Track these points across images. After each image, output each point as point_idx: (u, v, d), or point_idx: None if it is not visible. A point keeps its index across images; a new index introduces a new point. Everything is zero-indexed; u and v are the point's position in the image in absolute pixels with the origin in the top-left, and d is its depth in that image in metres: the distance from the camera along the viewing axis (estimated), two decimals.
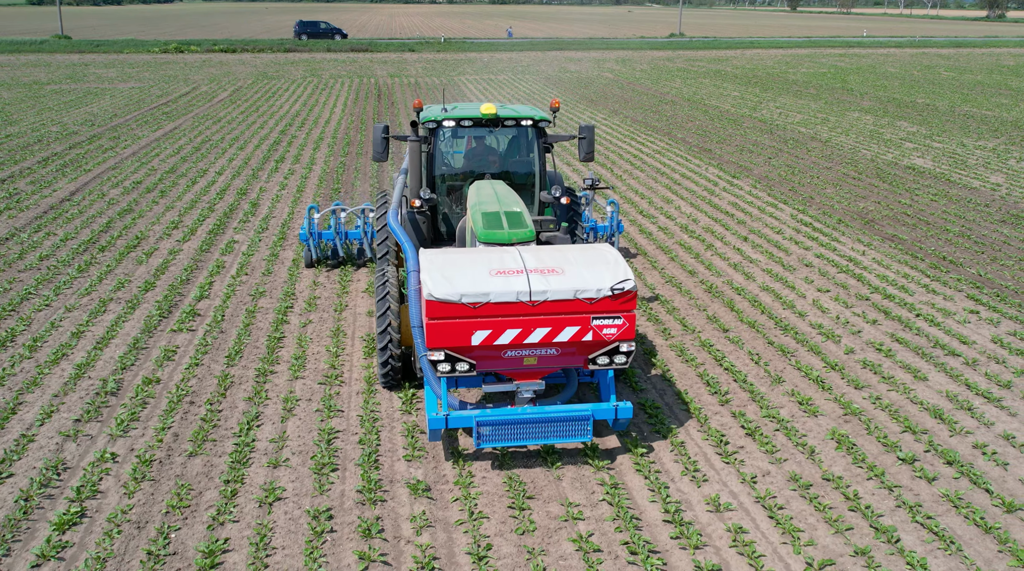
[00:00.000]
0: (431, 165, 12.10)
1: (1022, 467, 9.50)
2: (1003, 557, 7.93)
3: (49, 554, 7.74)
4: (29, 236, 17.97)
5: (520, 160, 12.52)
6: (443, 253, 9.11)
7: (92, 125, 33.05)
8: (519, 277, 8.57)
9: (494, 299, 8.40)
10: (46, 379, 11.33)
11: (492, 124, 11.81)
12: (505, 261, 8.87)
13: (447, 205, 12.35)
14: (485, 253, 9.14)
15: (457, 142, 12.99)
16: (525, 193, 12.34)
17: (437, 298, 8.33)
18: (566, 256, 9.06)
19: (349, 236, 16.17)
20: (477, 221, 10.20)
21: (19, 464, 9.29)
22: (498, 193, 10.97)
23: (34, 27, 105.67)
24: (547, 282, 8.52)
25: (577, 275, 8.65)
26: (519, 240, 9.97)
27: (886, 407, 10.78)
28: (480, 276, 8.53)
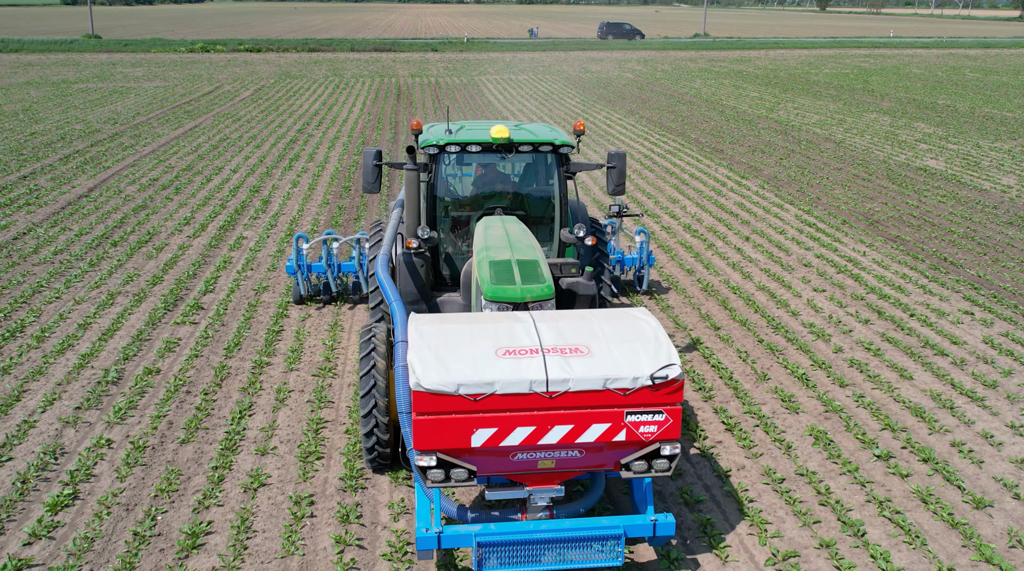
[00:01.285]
0: (432, 198, 10.37)
1: (997, 465, 9.61)
2: (966, 552, 8.06)
3: (40, 533, 8.09)
4: (45, 231, 18.46)
5: (537, 191, 10.84)
6: (438, 322, 7.46)
7: (115, 123, 33.69)
8: (533, 360, 6.88)
9: (501, 390, 6.71)
10: (51, 368, 11.73)
11: (505, 149, 10.09)
12: (516, 336, 7.20)
13: (451, 243, 10.72)
14: (491, 323, 7.46)
15: (463, 170, 11.31)
16: (543, 229, 10.73)
17: (428, 389, 6.63)
18: (593, 328, 7.37)
19: (343, 268, 14.29)
20: (484, 272, 8.55)
21: (19, 448, 9.66)
22: (510, 234, 9.28)
23: (66, 27, 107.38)
24: (569, 367, 6.84)
25: (607, 357, 6.97)
26: (535, 298, 8.35)
27: (868, 405, 10.91)
28: (483, 358, 6.87)
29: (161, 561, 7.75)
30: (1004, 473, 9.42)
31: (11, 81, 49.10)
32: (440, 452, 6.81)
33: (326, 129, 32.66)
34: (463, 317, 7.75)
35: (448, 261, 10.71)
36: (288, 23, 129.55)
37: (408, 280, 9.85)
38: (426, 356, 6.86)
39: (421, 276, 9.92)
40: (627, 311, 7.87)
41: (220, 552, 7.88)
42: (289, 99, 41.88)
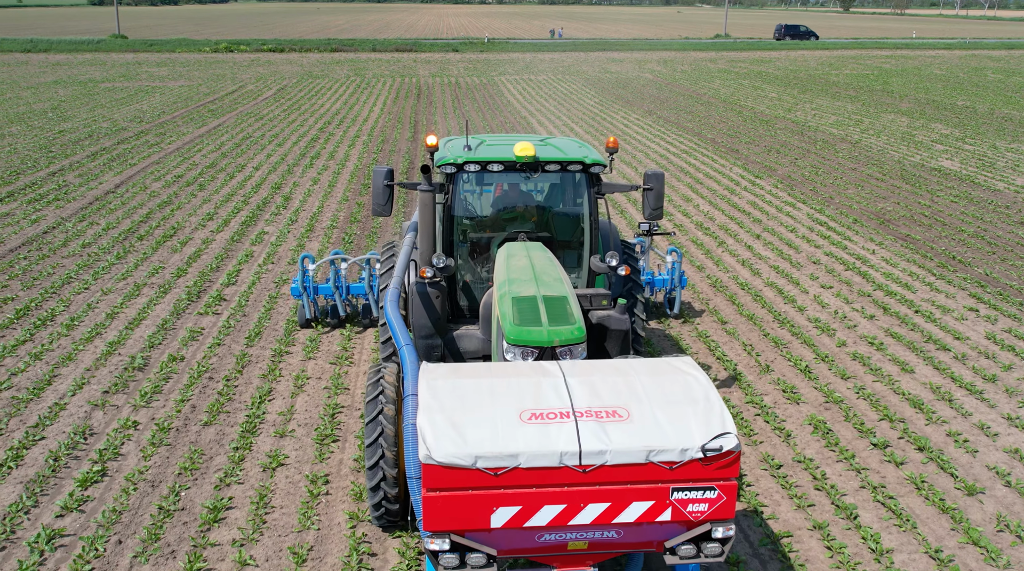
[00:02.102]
0: (449, 221, 9.40)
1: (991, 455, 9.88)
2: (955, 535, 8.37)
3: (71, 506, 8.56)
4: (74, 225, 19.04)
5: (565, 213, 10.04)
6: (452, 376, 6.55)
7: (141, 121, 34.36)
8: (564, 426, 5.99)
9: (527, 463, 5.83)
10: (80, 355, 12.24)
11: (529, 169, 9.22)
12: (543, 394, 6.30)
13: (469, 270, 9.86)
14: (514, 377, 6.55)
15: (482, 189, 10.46)
16: (570, 254, 9.89)
17: (440, 462, 5.77)
18: (633, 385, 6.45)
19: (351, 290, 13.39)
20: (506, 311, 7.70)
21: (50, 429, 10.15)
22: (535, 265, 8.43)
23: (93, 27, 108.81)
24: (606, 435, 5.95)
25: (650, 423, 6.09)
26: (564, 342, 7.44)
27: (868, 396, 11.21)
28: (506, 423, 5.99)
29: (185, 533, 8.19)
30: (997, 462, 9.70)
31: (40, 80, 50.03)
32: (454, 534, 5.90)
33: (347, 128, 33.17)
34: (481, 369, 6.81)
35: (466, 290, 9.75)
36: (311, 23, 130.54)
37: (422, 313, 8.82)
38: (438, 421, 5.95)
39: (436, 308, 8.88)
40: (671, 362, 6.93)
41: (240, 526, 8.32)
42: (311, 98, 42.46)
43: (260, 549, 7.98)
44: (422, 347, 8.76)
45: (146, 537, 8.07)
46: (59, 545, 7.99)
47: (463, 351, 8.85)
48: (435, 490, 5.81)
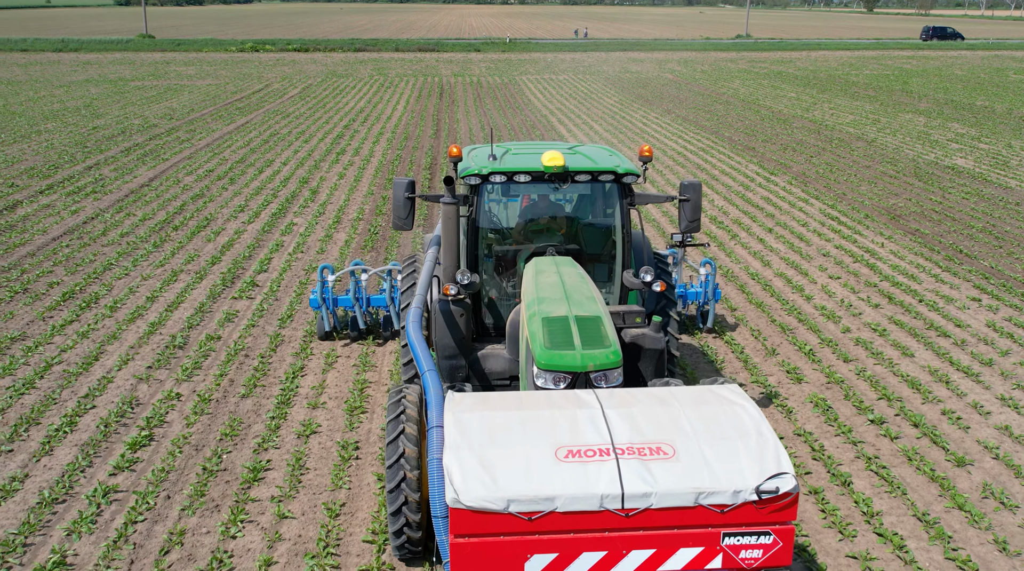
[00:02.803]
0: (474, 235, 9.06)
1: (982, 430, 10.45)
2: (942, 500, 8.95)
3: (123, 466, 9.31)
4: (112, 216, 19.88)
5: (595, 225, 9.68)
6: (480, 408, 6.22)
7: (171, 119, 35.31)
8: (604, 465, 5.63)
9: (564, 507, 5.48)
10: (123, 334, 13.02)
11: (559, 179, 8.87)
12: (581, 429, 5.92)
13: (494, 287, 9.52)
14: (547, 409, 6.18)
15: (507, 200, 10.16)
16: (600, 268, 9.53)
17: (470, 507, 5.44)
18: (677, 418, 6.08)
19: (372, 302, 13.00)
20: (536, 332, 7.32)
21: (100, 399, 10.92)
22: (566, 282, 8.06)
23: (121, 27, 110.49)
24: (651, 476, 5.59)
25: (699, 461, 5.70)
26: (599, 367, 7.04)
27: (868, 377, 11.79)
28: (541, 462, 5.63)
29: (227, 490, 8.93)
30: (987, 437, 10.26)
31: (72, 79, 51.20)
32: None
33: (371, 125, 33.95)
34: (511, 400, 6.45)
35: (491, 307, 9.38)
36: (334, 24, 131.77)
37: (445, 332, 8.44)
38: (467, 461, 5.59)
39: (460, 327, 8.47)
40: (716, 391, 6.55)
41: (278, 484, 9.04)
42: (335, 97, 43.31)
43: (296, 505, 8.70)
44: (445, 368, 8.45)
45: (192, 493, 8.81)
46: (113, 499, 8.74)
47: (488, 372, 8.53)
48: (464, 536, 5.45)
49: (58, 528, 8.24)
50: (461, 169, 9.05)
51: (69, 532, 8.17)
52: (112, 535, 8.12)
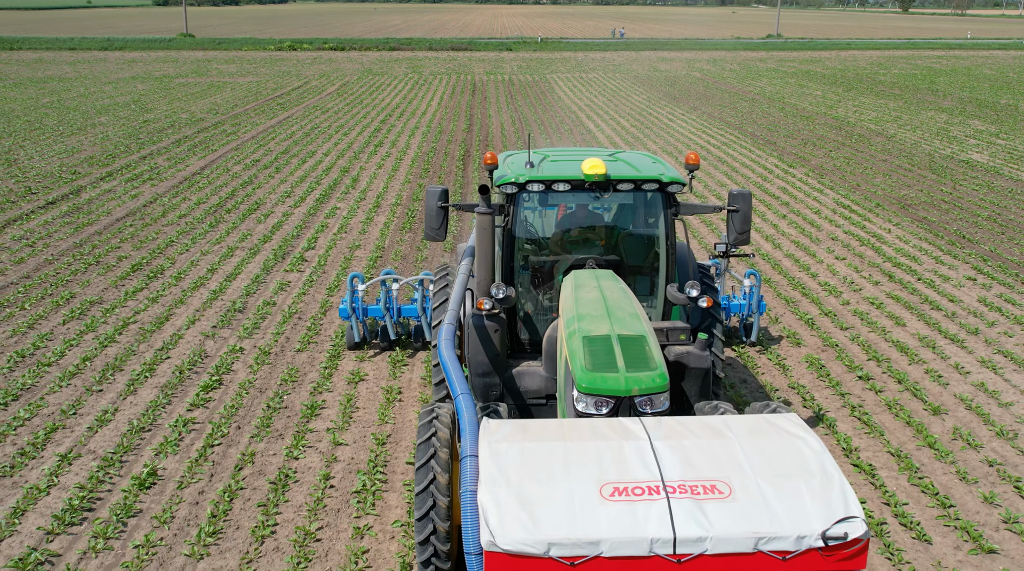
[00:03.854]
0: (509, 246, 8.71)
1: (960, 387, 11.59)
2: (915, 440, 10.14)
3: (197, 404, 10.75)
4: (169, 200, 21.46)
5: (637, 237, 9.22)
6: (519, 438, 5.87)
7: (216, 113, 37.00)
8: (654, 505, 5.22)
9: (610, 551, 5.09)
10: (189, 300, 14.50)
11: (599, 188, 8.46)
12: (628, 464, 5.51)
13: (531, 300, 9.11)
14: (591, 441, 5.79)
15: (545, 211, 9.74)
16: (642, 281, 9.11)
17: (506, 550, 5.08)
18: (732, 452, 5.65)
19: (403, 312, 12.67)
20: (576, 352, 6.95)
21: (173, 351, 12.39)
22: (607, 297, 7.67)
23: (161, 26, 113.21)
24: (705, 518, 5.18)
25: (758, 501, 5.27)
26: (644, 391, 6.64)
27: (861, 342, 12.97)
28: (584, 501, 5.24)
29: (289, 423, 10.33)
30: (964, 392, 11.41)
31: (119, 76, 53.25)
32: None
33: (406, 120, 35.41)
34: (552, 428, 6.04)
35: (527, 322, 8.98)
36: (368, 23, 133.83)
37: (479, 348, 8.09)
38: (504, 498, 5.22)
39: (495, 344, 8.10)
40: (774, 421, 6.08)
41: (332, 419, 10.44)
42: (372, 94, 44.86)
43: (349, 435, 10.08)
44: (479, 385, 8.13)
45: (259, 424, 10.23)
46: (192, 428, 10.17)
47: (524, 390, 8.17)
48: None
49: (148, 449, 9.70)
50: (497, 177, 8.65)
51: (157, 452, 9.61)
52: (193, 455, 9.55)
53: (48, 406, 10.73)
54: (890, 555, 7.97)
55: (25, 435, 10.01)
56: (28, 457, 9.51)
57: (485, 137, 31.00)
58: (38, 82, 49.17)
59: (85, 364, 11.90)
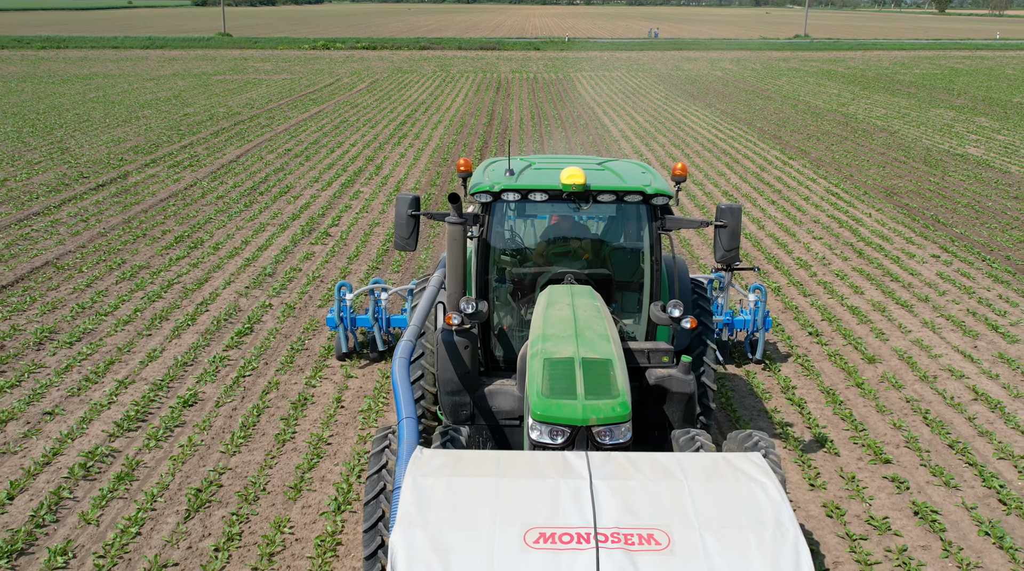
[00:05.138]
0: (484, 259, 8.26)
1: (898, 342, 13.12)
2: (846, 382, 11.71)
3: (232, 345, 12.59)
4: (208, 183, 23.44)
5: (625, 251, 8.82)
6: (448, 474, 5.45)
7: (252, 108, 39.10)
8: (580, 555, 4.81)
9: None
10: (225, 265, 16.39)
11: (579, 199, 7.94)
12: (560, 506, 5.11)
13: (510, 314, 8.70)
14: (526, 479, 5.40)
15: (527, 220, 9.40)
16: (630, 298, 8.69)
17: None
18: (679, 496, 5.22)
19: (392, 323, 12.32)
20: (535, 376, 6.61)
21: (212, 306, 14.25)
22: (577, 316, 7.25)
23: (199, 26, 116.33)
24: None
25: (697, 555, 4.84)
26: (602, 421, 6.24)
27: (819, 307, 14.52)
28: (504, 548, 4.86)
29: (309, 360, 12.14)
30: (900, 346, 12.95)
31: (160, 73, 55.69)
32: None
33: (431, 115, 37.25)
34: (489, 462, 5.60)
35: (503, 338, 8.52)
36: (401, 23, 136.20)
37: (448, 365, 7.59)
38: (417, 542, 4.86)
39: (465, 361, 7.58)
40: (734, 462, 5.60)
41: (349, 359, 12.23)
42: (400, 90, 46.79)
43: (358, 371, 11.84)
44: (448, 405, 7.71)
45: (283, 361, 12.05)
46: (227, 364, 12.02)
47: (496, 410, 7.66)
48: None
49: (190, 378, 11.55)
50: (472, 185, 8.25)
51: (198, 380, 11.46)
52: (228, 383, 11.39)
53: (106, 346, 12.63)
54: (802, 464, 9.58)
55: (89, 366, 11.91)
56: (91, 382, 11.40)
57: (504, 131, 32.74)
58: (84, 78, 51.69)
59: (136, 314, 13.82)
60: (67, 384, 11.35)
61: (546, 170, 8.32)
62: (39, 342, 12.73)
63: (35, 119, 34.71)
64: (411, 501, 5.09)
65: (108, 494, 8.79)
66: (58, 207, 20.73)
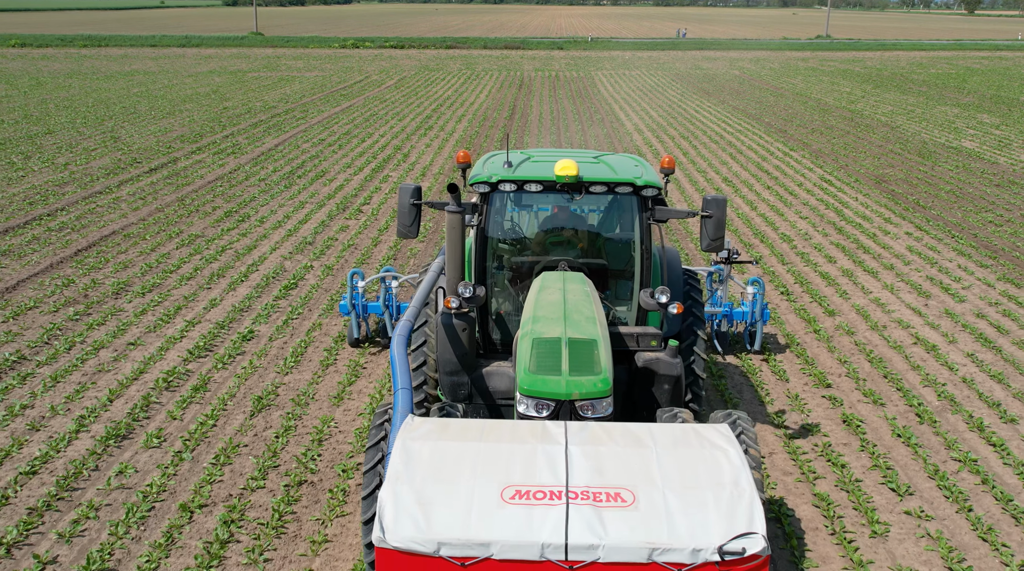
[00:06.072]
0: (482, 246, 8.71)
1: (858, 299, 14.98)
2: (806, 328, 13.60)
3: (280, 296, 14.69)
4: (250, 168, 25.66)
5: (616, 239, 9.32)
6: (435, 438, 5.97)
7: (286, 102, 41.39)
8: (552, 510, 5.30)
9: (500, 554, 5.18)
10: (270, 235, 18.54)
11: (572, 189, 8.41)
12: (536, 467, 5.62)
13: (508, 300, 9.13)
14: (507, 443, 5.94)
15: (524, 211, 9.93)
16: (624, 286, 9.14)
17: (395, 547, 5.21)
18: (647, 460, 5.69)
19: (402, 309, 12.64)
20: (524, 354, 7.12)
21: (261, 267, 16.39)
22: (567, 300, 7.71)
23: (231, 25, 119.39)
24: (601, 526, 5.23)
25: (659, 511, 5.31)
26: (584, 396, 6.75)
27: (794, 273, 16.41)
28: (483, 503, 5.35)
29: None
30: (859, 303, 14.82)
31: (197, 70, 58.25)
32: None
33: (456, 109, 39.35)
34: (473, 429, 6.13)
35: (500, 322, 8.96)
36: (429, 23, 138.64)
37: (447, 347, 7.99)
38: (403, 496, 5.33)
39: (463, 342, 7.97)
40: (702, 432, 6.11)
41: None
42: (427, 87, 48.96)
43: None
44: (447, 384, 8.12)
45: (325, 309, 14.15)
46: (277, 309, 14.13)
47: (493, 390, 8.10)
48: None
49: (247, 319, 13.68)
50: (471, 176, 8.73)
51: (253, 321, 13.58)
52: (279, 323, 13.50)
53: (173, 296, 14.79)
54: (757, 387, 11.51)
55: (161, 311, 14.08)
56: (164, 322, 13.56)
57: (524, 124, 34.75)
58: (126, 75, 54.32)
59: (196, 272, 15.99)
60: (144, 324, 13.52)
61: (542, 162, 8.76)
62: (116, 293, 14.92)
63: (86, 111, 37.18)
64: (400, 461, 5.60)
65: (188, 399, 10.92)
66: (118, 187, 23.01)
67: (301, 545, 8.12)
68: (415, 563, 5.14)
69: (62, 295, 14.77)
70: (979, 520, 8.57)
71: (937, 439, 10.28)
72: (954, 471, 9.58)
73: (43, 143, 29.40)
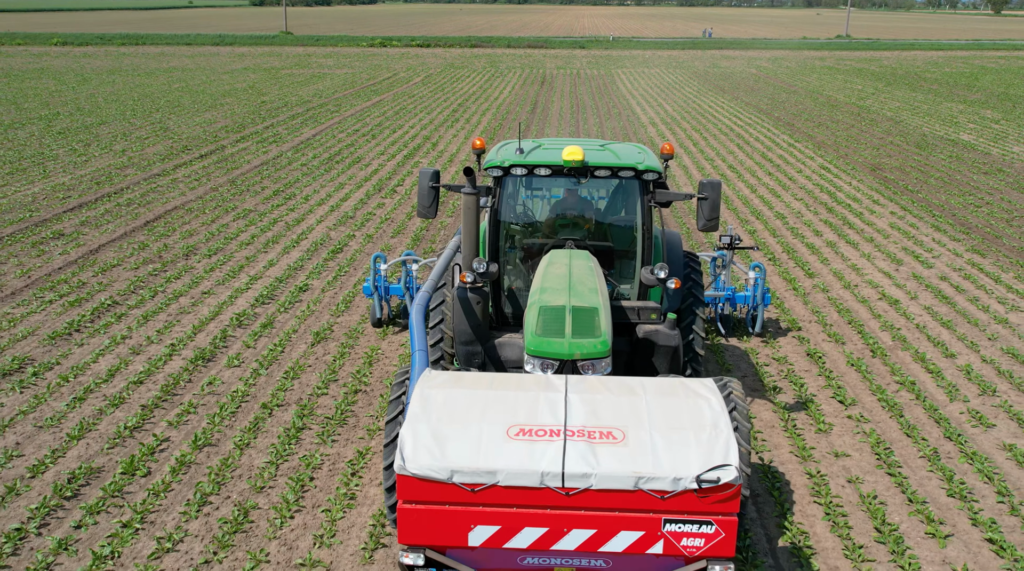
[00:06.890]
0: (495, 226, 9.36)
1: (836, 264, 16.92)
2: (788, 288, 15.57)
3: (329, 258, 16.84)
4: (291, 155, 27.90)
5: (620, 221, 9.99)
6: (449, 387, 6.72)
7: (320, 97, 43.69)
8: (551, 445, 5.99)
9: (505, 481, 5.86)
10: (315, 210, 20.73)
11: (578, 174, 9.06)
12: (538, 410, 6.33)
13: (519, 277, 9.76)
14: (513, 391, 6.64)
15: (534, 194, 10.75)
16: (627, 265, 9.77)
17: (415, 474, 5.89)
18: (637, 406, 6.42)
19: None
20: (531, 320, 7.83)
21: (309, 236, 18.55)
22: (573, 274, 8.33)
23: (260, 24, 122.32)
24: (594, 458, 5.90)
25: (645, 447, 5.99)
26: (585, 356, 7.45)
27: (782, 243, 18.36)
28: (491, 438, 6.05)
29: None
30: (837, 268, 16.76)
31: (232, 67, 60.76)
32: (431, 549, 6.04)
33: (480, 104, 41.48)
34: (483, 380, 6.87)
35: (511, 297, 9.62)
36: (454, 23, 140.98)
37: (462, 318, 8.62)
38: (421, 432, 6.06)
39: (477, 314, 8.59)
40: (689, 384, 6.83)
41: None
42: (452, 83, 51.13)
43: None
44: (462, 353, 8.72)
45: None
46: (327, 269, 16.27)
47: (504, 359, 8.69)
48: (411, 502, 5.90)
49: (302, 276, 15.85)
50: (485, 161, 9.41)
51: (308, 276, 15.74)
52: (330, 278, 15.64)
53: (235, 258, 16.99)
54: (739, 338, 13.50)
55: (226, 269, 16.27)
56: (231, 277, 15.75)
57: (545, 117, 36.81)
58: (165, 71, 56.91)
59: (253, 239, 18.20)
60: (214, 278, 15.72)
61: (551, 150, 9.41)
62: (186, 255, 17.15)
63: (133, 104, 39.66)
64: (418, 406, 6.36)
65: (258, 333, 13.11)
66: (173, 170, 25.31)
67: (360, 431, 10.25)
68: (431, 488, 5.86)
69: (140, 256, 17.02)
70: (907, 423, 10.55)
71: (885, 368, 12.26)
72: (895, 391, 11.55)
73: (99, 132, 31.84)
